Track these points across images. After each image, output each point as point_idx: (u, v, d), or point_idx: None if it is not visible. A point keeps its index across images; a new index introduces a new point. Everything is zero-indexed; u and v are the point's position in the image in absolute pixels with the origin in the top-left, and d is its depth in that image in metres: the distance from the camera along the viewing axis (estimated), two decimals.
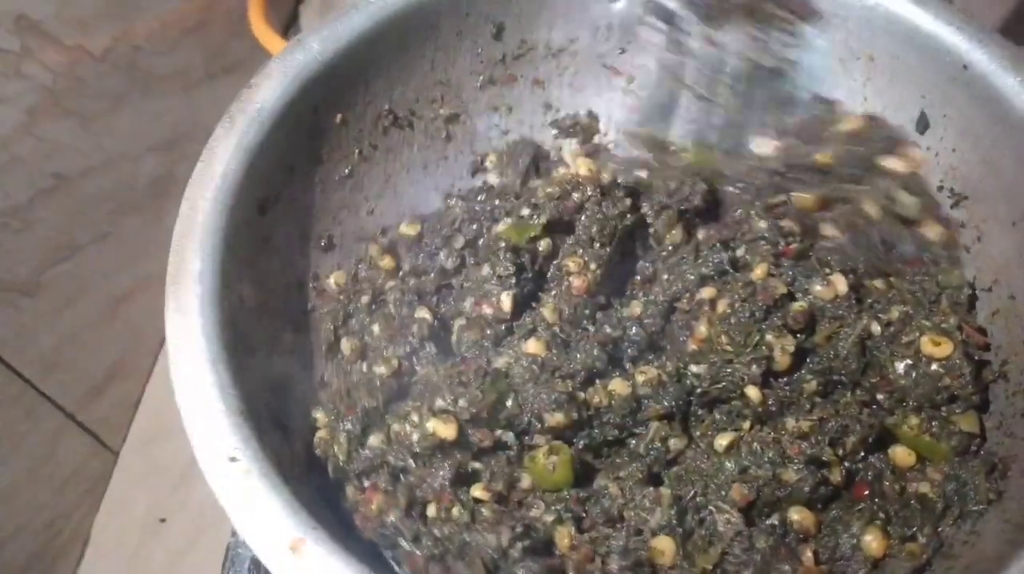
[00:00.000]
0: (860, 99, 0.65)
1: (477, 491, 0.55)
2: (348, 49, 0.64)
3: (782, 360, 0.57)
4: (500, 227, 0.65)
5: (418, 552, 0.53)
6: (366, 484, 0.56)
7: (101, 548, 0.88)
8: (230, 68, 1.03)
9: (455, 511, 0.54)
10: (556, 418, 0.56)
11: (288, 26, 1.12)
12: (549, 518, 0.55)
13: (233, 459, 0.46)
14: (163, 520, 0.88)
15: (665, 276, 0.64)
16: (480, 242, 0.67)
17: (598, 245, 0.64)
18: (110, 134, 0.87)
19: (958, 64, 0.59)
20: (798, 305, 0.59)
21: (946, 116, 0.61)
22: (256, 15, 0.95)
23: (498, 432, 0.58)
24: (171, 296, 0.52)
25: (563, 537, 0.54)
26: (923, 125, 0.63)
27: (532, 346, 0.59)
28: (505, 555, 0.52)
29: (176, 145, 0.96)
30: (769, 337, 0.57)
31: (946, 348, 0.56)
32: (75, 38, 0.80)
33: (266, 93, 0.60)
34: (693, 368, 0.59)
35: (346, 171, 0.66)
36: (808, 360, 0.59)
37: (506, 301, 0.62)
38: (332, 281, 0.65)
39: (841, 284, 0.59)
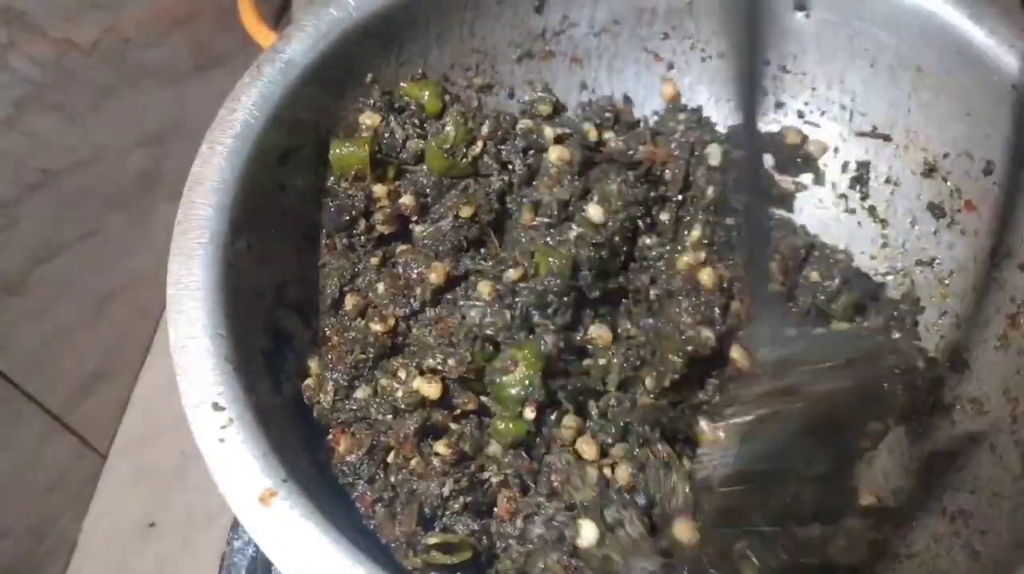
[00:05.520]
0: (904, 111, 0.65)
1: (440, 447, 0.56)
2: (386, 8, 0.63)
3: None
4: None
5: (369, 493, 0.54)
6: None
7: (88, 553, 0.86)
8: (219, 61, 1.02)
9: (413, 462, 0.55)
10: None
11: (278, 18, 1.10)
12: (496, 480, 0.56)
13: (217, 406, 0.46)
14: (152, 524, 0.86)
15: None
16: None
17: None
18: (97, 128, 0.85)
19: (1006, 83, 0.58)
20: None
21: (987, 136, 0.60)
22: (246, 7, 0.94)
23: (483, 398, 0.59)
24: (177, 238, 0.51)
25: (503, 499, 0.55)
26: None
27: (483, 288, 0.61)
28: (444, 505, 0.53)
29: (164, 139, 0.94)
30: None
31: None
32: (62, 30, 0.78)
33: (296, 46, 0.59)
34: None
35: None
36: None
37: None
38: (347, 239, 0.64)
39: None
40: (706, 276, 0.62)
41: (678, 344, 0.59)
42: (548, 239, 0.63)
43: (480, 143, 0.66)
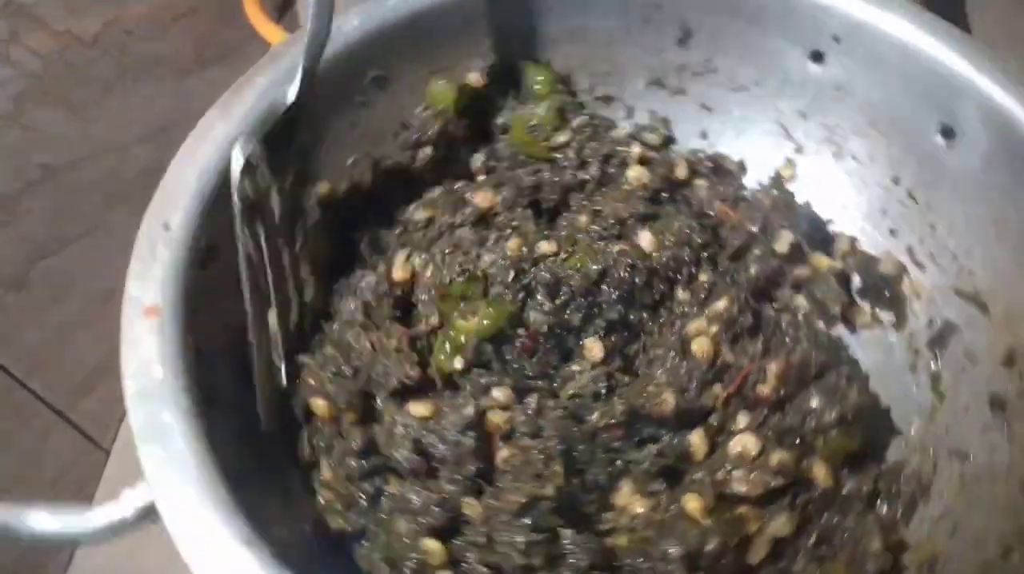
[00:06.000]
0: (1013, 288, 0.60)
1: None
2: None
3: None
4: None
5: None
6: None
7: (91, 549, 0.85)
8: (223, 55, 1.01)
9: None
10: None
11: (283, 11, 1.09)
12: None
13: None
14: (155, 520, 0.86)
15: None
16: None
17: None
18: (100, 122, 0.84)
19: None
20: None
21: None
22: (250, 0, 0.93)
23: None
24: (155, 208, 0.53)
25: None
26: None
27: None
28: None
29: (167, 134, 0.93)
30: None
31: None
32: (65, 22, 0.77)
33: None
34: None
35: None
36: None
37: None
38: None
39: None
40: (697, 345, 0.59)
41: (635, 395, 0.58)
42: (592, 244, 0.62)
43: (568, 133, 0.66)
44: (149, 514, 0.46)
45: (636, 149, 0.66)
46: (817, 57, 0.64)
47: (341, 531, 0.55)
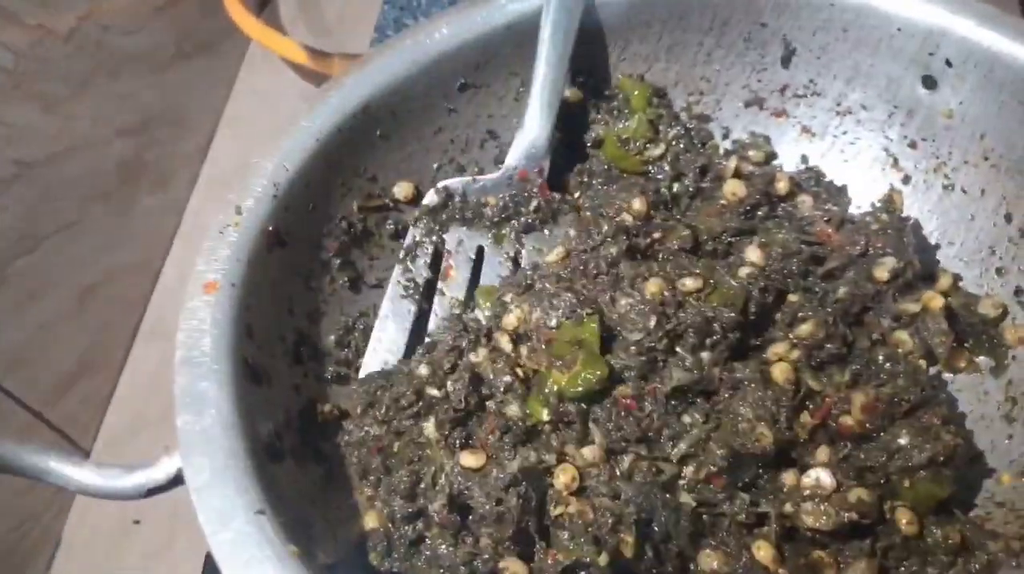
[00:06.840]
0: None
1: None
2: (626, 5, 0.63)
3: None
4: None
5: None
6: None
7: (72, 550, 0.85)
8: (202, 48, 1.00)
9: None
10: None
11: (263, 5, 1.08)
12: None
13: None
14: (137, 522, 0.85)
15: None
16: None
17: None
18: (76, 118, 0.83)
19: None
20: None
21: None
22: None
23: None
24: (233, 194, 0.54)
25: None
26: None
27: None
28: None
29: (146, 129, 0.92)
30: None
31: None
32: (38, 17, 0.76)
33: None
34: None
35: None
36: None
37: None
38: None
39: None
40: (779, 371, 0.55)
41: (728, 436, 0.52)
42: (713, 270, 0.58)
43: (663, 146, 0.64)
44: (180, 480, 0.47)
45: (733, 162, 0.64)
46: (928, 82, 0.60)
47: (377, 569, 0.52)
